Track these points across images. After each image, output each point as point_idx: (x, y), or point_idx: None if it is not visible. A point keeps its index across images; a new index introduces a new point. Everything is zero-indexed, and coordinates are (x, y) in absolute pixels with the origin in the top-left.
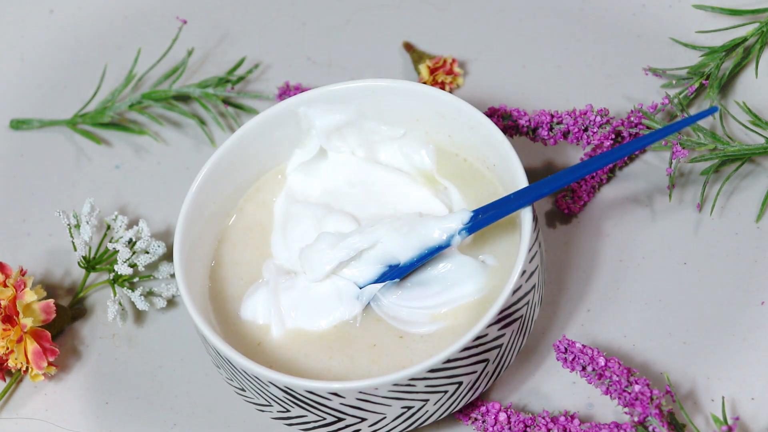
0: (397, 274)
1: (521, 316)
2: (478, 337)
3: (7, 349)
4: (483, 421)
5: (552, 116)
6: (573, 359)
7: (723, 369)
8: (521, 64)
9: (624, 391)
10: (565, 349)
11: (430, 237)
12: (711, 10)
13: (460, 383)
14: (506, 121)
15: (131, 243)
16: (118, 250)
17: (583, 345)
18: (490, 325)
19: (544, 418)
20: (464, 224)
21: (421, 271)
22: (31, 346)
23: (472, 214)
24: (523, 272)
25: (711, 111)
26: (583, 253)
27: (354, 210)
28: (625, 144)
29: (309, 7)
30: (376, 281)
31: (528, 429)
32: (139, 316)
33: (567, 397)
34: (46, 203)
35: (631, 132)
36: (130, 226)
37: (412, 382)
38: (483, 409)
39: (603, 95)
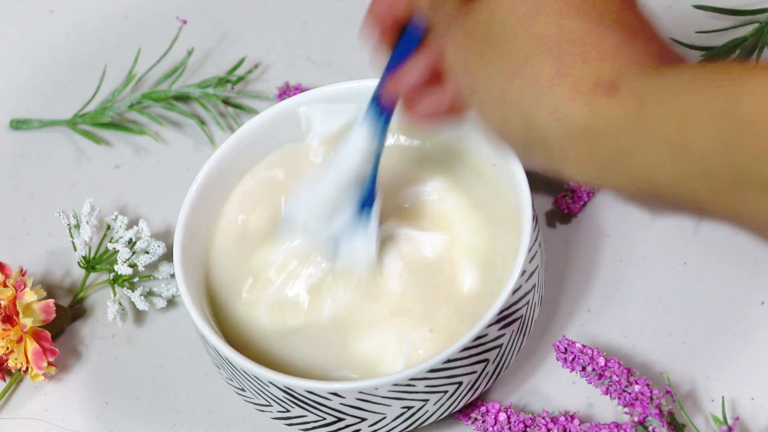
0: (368, 198)
1: (521, 316)
2: (478, 337)
3: (7, 349)
4: (483, 421)
5: None
6: (573, 359)
7: (723, 369)
8: None
9: (624, 391)
10: (565, 349)
11: (354, 159)
12: (711, 11)
13: (460, 383)
14: None
15: (131, 243)
16: (118, 250)
17: (583, 345)
18: (490, 325)
19: (544, 418)
20: (370, 115)
21: None
22: (31, 346)
23: (370, 102)
24: (523, 272)
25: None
26: (583, 253)
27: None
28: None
29: (309, 7)
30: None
31: (528, 429)
32: (139, 316)
33: (567, 397)
34: (46, 203)
35: None
36: (130, 226)
37: (412, 382)
38: (483, 409)
39: None
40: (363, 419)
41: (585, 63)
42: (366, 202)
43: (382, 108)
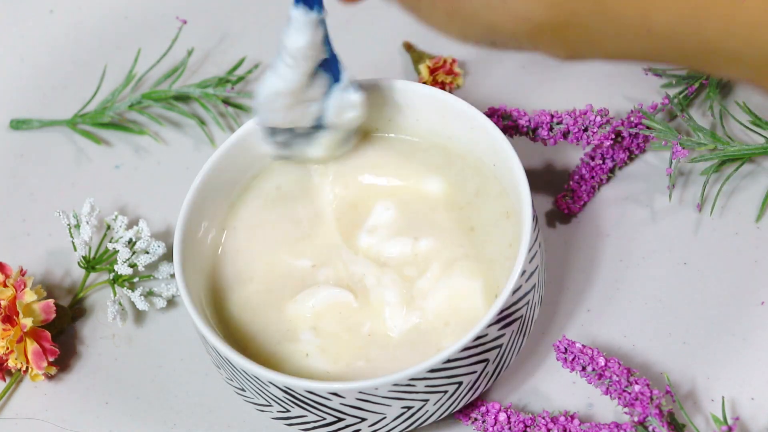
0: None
1: (521, 316)
2: (478, 337)
3: (7, 349)
4: (483, 421)
5: (552, 116)
6: (573, 359)
7: (723, 369)
8: (521, 64)
9: (624, 391)
10: (565, 349)
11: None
12: None
13: (460, 383)
14: (506, 121)
15: (131, 243)
16: (118, 250)
17: (583, 345)
18: (490, 325)
19: (544, 418)
20: None
21: None
22: (31, 346)
23: None
24: (523, 272)
25: None
26: (583, 253)
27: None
28: None
29: None
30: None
31: (528, 429)
32: (139, 316)
33: (567, 397)
34: (46, 203)
35: (631, 132)
36: (130, 226)
37: (412, 382)
38: (483, 409)
39: (603, 95)
40: (363, 419)
41: None
42: (334, 71)
43: None
